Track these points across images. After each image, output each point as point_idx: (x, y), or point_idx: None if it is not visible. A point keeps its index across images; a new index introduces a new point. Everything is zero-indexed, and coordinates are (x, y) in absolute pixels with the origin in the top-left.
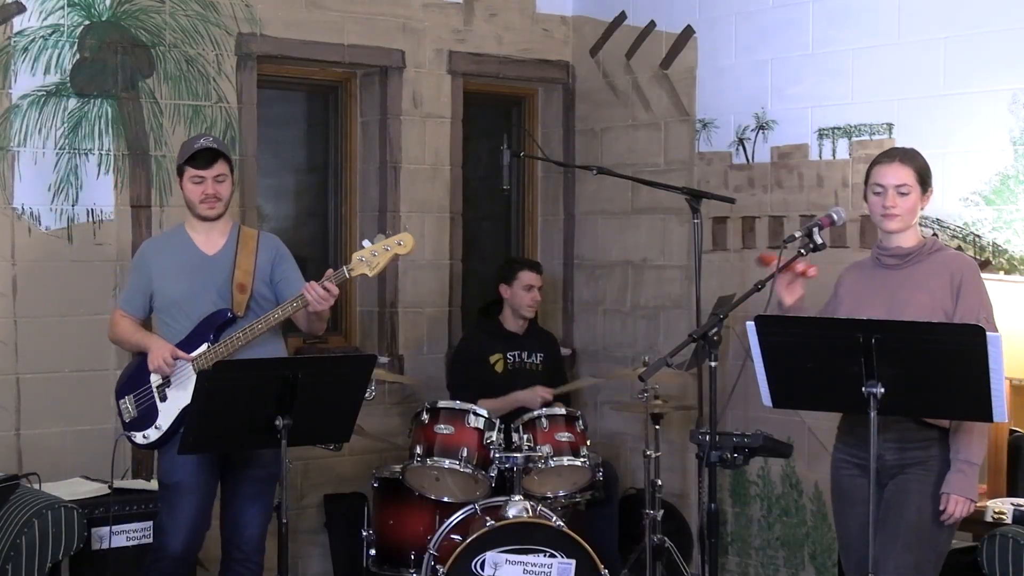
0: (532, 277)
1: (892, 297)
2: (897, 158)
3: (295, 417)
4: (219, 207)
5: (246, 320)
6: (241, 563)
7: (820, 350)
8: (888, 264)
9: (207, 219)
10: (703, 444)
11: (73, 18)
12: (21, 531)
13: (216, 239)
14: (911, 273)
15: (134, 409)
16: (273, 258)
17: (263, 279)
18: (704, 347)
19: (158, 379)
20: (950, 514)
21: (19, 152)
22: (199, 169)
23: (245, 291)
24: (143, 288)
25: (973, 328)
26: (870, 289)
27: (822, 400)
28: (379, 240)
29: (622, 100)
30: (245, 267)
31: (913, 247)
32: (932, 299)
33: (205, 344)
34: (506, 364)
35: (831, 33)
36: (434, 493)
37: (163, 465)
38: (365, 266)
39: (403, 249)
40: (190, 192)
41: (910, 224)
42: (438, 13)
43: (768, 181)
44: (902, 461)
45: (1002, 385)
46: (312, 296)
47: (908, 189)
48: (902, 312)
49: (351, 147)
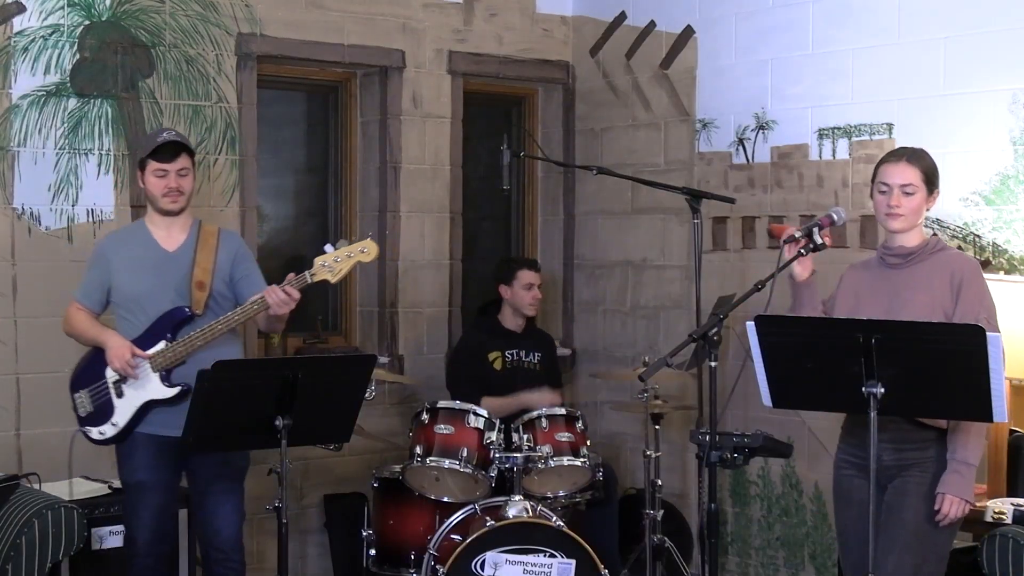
0: (531, 276)
1: (893, 297)
2: (904, 158)
3: (295, 417)
4: (181, 201)
5: (204, 319)
6: (221, 563)
7: (820, 350)
8: (891, 263)
9: (169, 213)
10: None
11: (73, 18)
12: (21, 531)
13: (177, 235)
14: (913, 273)
15: (90, 404)
16: (233, 256)
17: (223, 278)
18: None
19: (114, 375)
20: (944, 514)
21: (19, 152)
22: (163, 162)
23: (204, 289)
24: (101, 283)
25: (973, 328)
26: (872, 288)
27: (822, 400)
28: (342, 246)
29: (622, 100)
30: (204, 265)
31: (916, 247)
32: (932, 299)
33: (163, 342)
34: (505, 362)
35: (831, 33)
36: (434, 493)
37: (123, 465)
38: (327, 272)
39: (366, 256)
40: (153, 186)
41: (914, 224)
42: (438, 13)
43: (768, 181)
44: (900, 462)
45: (1002, 385)
46: (273, 299)
47: (913, 189)
48: (901, 312)
49: (351, 147)
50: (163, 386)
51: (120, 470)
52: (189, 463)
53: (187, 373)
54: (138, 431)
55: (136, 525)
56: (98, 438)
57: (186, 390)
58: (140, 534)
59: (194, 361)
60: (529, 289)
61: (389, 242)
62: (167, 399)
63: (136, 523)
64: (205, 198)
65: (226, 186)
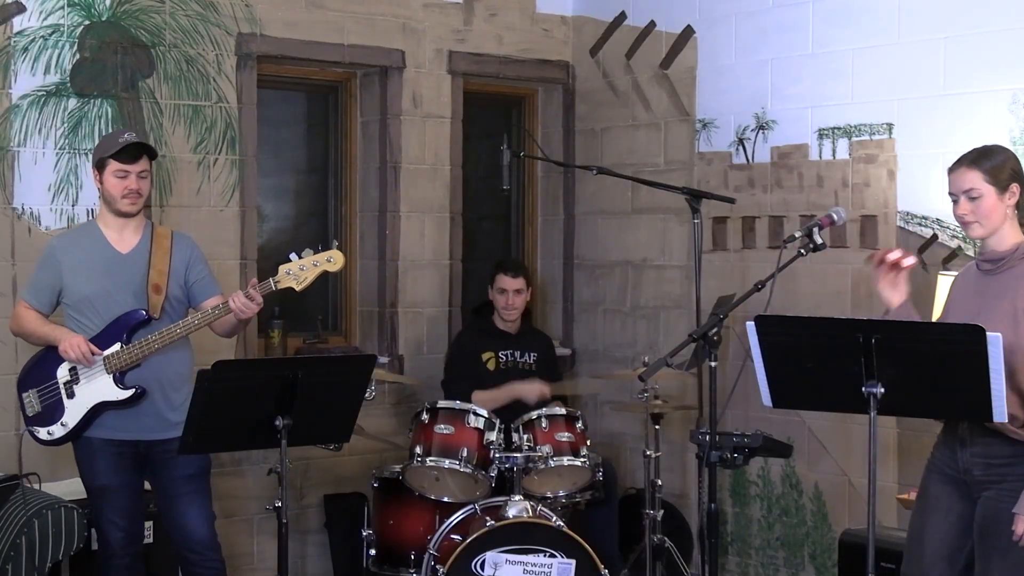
0: (507, 280)
1: (982, 305)
2: (964, 163)
3: (295, 417)
4: (140, 203)
5: (160, 323)
6: (199, 564)
7: (820, 350)
8: (985, 269)
9: (126, 215)
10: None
11: (73, 18)
12: (21, 531)
13: (130, 237)
14: (1004, 279)
15: (38, 404)
16: (188, 260)
17: (177, 281)
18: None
19: (66, 375)
20: (1020, 536)
21: (19, 152)
22: (124, 163)
23: (160, 292)
24: (51, 284)
25: (973, 328)
26: (967, 296)
27: (822, 400)
28: (307, 255)
29: (622, 100)
30: (160, 268)
31: (1006, 251)
32: (1014, 306)
33: (118, 344)
34: (498, 362)
35: (831, 33)
36: (434, 493)
37: (83, 469)
38: (292, 279)
39: (332, 266)
40: (112, 186)
41: (995, 227)
42: (438, 13)
43: (768, 181)
44: (989, 477)
45: (1002, 385)
46: (236, 305)
47: (978, 193)
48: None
49: (351, 147)
50: (117, 388)
51: (82, 476)
52: (151, 467)
53: (141, 376)
54: (93, 436)
55: (107, 528)
56: (46, 438)
57: (140, 392)
58: (113, 536)
59: (148, 364)
60: (503, 294)
61: (389, 242)
62: (120, 401)
63: (107, 527)
64: (205, 198)
65: (226, 186)
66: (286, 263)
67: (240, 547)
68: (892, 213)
